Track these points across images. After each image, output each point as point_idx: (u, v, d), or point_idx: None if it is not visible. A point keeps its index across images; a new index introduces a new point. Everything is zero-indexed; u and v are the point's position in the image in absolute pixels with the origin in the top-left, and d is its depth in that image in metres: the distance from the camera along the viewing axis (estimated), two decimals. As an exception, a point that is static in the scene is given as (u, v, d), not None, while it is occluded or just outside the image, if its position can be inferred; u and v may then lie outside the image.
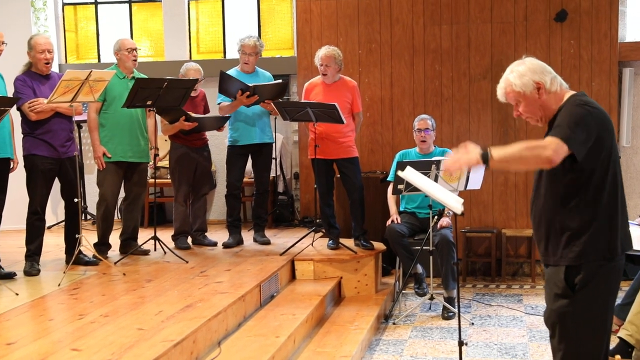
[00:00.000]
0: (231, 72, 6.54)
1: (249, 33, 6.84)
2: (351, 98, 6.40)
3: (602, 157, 3.03)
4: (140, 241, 6.40)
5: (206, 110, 6.89)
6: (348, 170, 6.41)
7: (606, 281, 3.07)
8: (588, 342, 3.09)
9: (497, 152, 2.95)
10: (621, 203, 3.11)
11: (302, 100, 6.49)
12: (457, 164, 3.04)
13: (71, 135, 5.85)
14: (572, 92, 3.16)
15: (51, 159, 5.69)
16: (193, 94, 6.65)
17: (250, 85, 6.29)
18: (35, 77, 5.73)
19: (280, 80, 6.59)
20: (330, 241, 6.51)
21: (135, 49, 6.25)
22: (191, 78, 6.52)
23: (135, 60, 6.26)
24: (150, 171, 6.92)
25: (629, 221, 5.89)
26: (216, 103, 6.63)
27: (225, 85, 6.31)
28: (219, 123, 6.63)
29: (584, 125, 2.96)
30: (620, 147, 7.41)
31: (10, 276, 5.45)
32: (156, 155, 6.33)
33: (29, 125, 5.67)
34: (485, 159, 2.95)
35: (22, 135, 5.72)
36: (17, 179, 5.78)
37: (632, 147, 7.58)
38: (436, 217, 6.10)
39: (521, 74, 3.13)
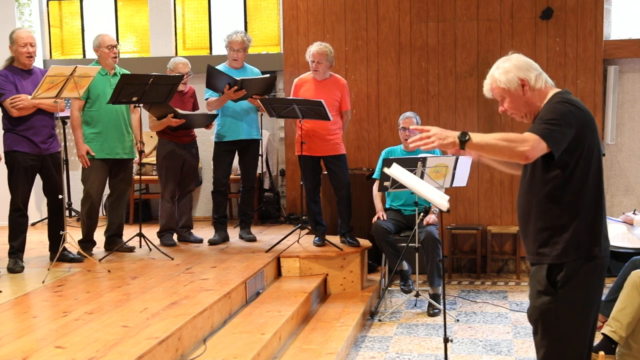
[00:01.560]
0: (220, 67, 6.50)
1: (236, 29, 6.80)
2: (340, 96, 6.39)
3: (584, 155, 3.03)
4: (125, 238, 6.38)
5: (195, 107, 6.86)
6: (335, 168, 6.40)
7: (589, 278, 3.08)
8: (570, 339, 3.11)
9: (475, 137, 2.95)
10: (602, 202, 3.12)
11: (290, 97, 6.48)
12: (430, 143, 2.97)
13: (53, 131, 5.80)
14: (557, 90, 3.17)
15: (33, 156, 5.64)
16: (183, 89, 6.62)
17: (237, 79, 6.27)
18: (17, 72, 5.68)
19: (267, 75, 6.57)
20: (316, 238, 6.51)
21: (115, 46, 6.21)
22: (180, 72, 6.50)
23: (116, 57, 6.21)
24: (135, 167, 6.89)
25: (614, 218, 5.96)
26: (204, 98, 6.60)
27: (213, 79, 6.28)
28: (207, 120, 6.60)
29: (563, 122, 2.97)
30: (604, 145, 7.45)
31: (-7, 273, 5.43)
32: (142, 151, 6.30)
33: (10, 121, 5.62)
34: (463, 142, 2.94)
35: (2, 131, 5.68)
36: (0, 176, 5.73)
37: (616, 144, 7.63)
38: (422, 214, 6.11)
39: (506, 70, 3.15)
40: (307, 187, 6.44)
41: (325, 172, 6.58)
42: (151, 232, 6.68)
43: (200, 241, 6.78)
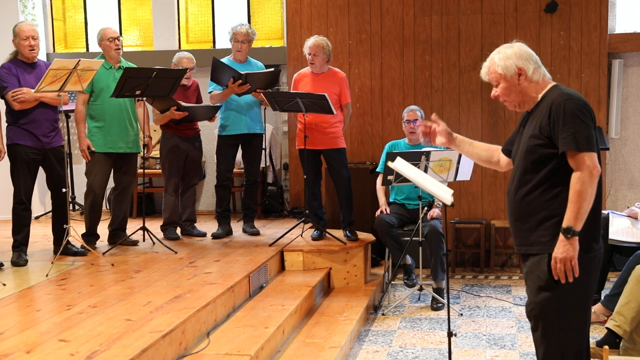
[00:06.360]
0: (224, 61, 6.50)
1: (241, 21, 6.80)
2: (339, 89, 6.38)
3: None
4: (129, 231, 6.38)
5: (198, 100, 6.86)
6: (334, 162, 6.39)
7: (588, 270, 3.07)
8: (572, 333, 3.09)
9: (577, 222, 2.96)
10: (601, 193, 3.12)
11: (291, 91, 6.47)
12: (566, 264, 2.99)
13: (56, 125, 5.80)
14: (553, 83, 3.17)
15: (35, 149, 5.64)
16: (186, 83, 6.63)
17: (242, 73, 6.26)
18: (21, 65, 5.68)
19: (272, 69, 6.56)
20: (315, 232, 6.50)
21: (117, 38, 6.19)
22: (184, 67, 6.49)
23: (119, 49, 6.19)
24: (139, 161, 6.89)
25: (618, 212, 5.95)
26: (208, 91, 6.59)
27: (217, 72, 6.28)
28: (210, 113, 6.60)
29: (586, 120, 2.99)
30: (609, 139, 7.43)
31: (-3, 266, 5.43)
32: (145, 145, 6.27)
33: (12, 115, 5.62)
34: (574, 234, 2.96)
35: (6, 124, 5.68)
36: (4, 169, 5.73)
37: (620, 138, 7.60)
38: (426, 208, 6.10)
39: (507, 56, 3.18)
40: (307, 181, 6.42)
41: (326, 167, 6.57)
42: (154, 225, 6.68)
43: (204, 235, 6.78)
